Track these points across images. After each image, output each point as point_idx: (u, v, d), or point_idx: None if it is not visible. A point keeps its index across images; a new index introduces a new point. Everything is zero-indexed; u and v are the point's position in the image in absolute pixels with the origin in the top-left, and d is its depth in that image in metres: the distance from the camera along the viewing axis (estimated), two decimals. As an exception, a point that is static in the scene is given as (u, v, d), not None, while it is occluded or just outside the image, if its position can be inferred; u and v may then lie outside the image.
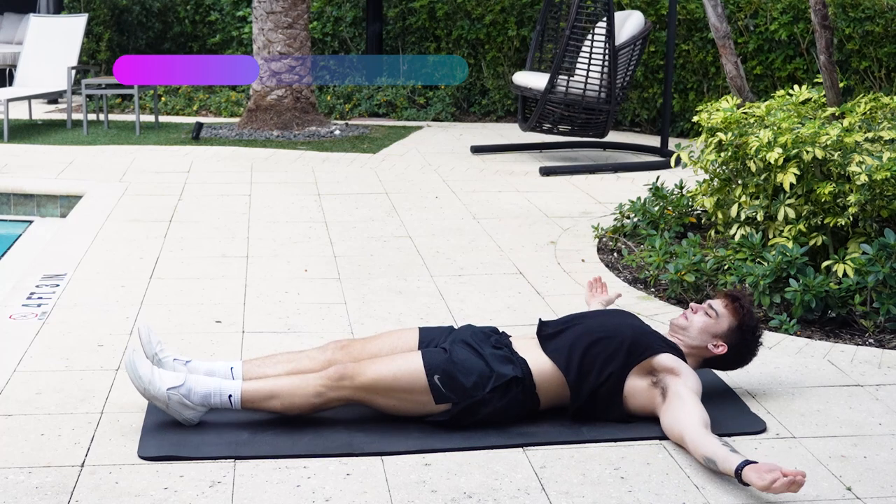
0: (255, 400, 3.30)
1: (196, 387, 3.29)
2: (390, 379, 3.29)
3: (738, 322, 3.51)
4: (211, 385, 3.30)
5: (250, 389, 3.31)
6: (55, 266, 5.15)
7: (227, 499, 2.89)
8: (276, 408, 3.32)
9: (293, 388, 3.30)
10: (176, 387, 3.27)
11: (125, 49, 11.63)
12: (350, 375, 3.29)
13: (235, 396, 3.30)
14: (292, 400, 3.30)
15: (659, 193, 5.74)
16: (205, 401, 3.29)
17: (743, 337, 3.52)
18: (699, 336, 3.51)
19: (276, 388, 3.31)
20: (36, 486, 2.94)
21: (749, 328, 3.52)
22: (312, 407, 3.31)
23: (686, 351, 3.51)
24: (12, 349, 3.99)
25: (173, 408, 3.28)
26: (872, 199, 4.46)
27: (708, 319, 3.52)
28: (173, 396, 3.26)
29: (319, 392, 3.29)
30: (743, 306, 3.52)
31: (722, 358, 3.53)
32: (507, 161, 8.36)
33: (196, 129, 9.15)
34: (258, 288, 4.86)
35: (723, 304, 3.54)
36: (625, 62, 8.12)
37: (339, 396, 3.30)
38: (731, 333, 3.51)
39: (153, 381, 3.26)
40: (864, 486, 3.01)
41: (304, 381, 3.31)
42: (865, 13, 8.68)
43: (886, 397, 3.65)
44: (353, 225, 6.15)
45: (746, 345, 3.55)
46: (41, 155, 8.27)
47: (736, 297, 3.56)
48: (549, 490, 2.96)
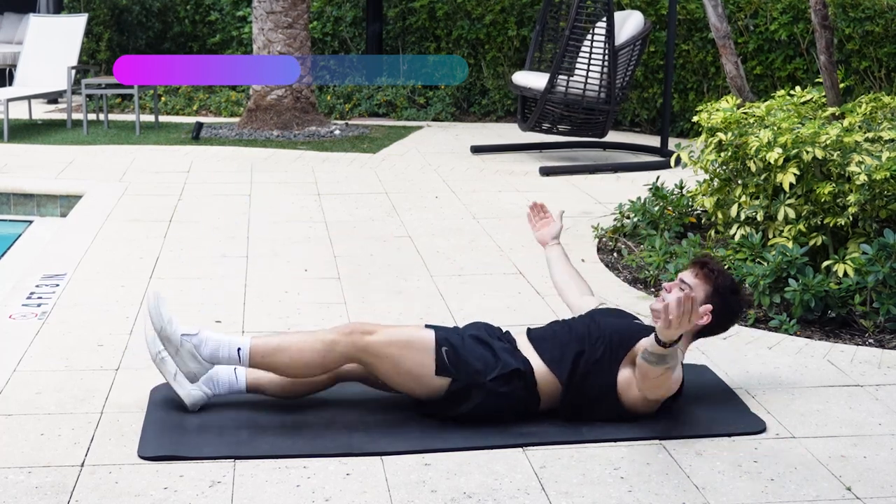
0: (263, 354, 3.31)
1: (208, 340, 3.32)
2: (400, 341, 3.29)
3: (712, 287, 3.46)
4: (222, 339, 3.33)
5: (259, 343, 3.32)
6: (55, 266, 5.15)
7: (226, 499, 2.89)
8: (284, 363, 3.31)
9: (302, 343, 3.31)
10: (190, 335, 3.31)
11: (125, 49, 11.63)
12: (362, 331, 3.30)
13: (245, 350, 3.31)
14: (301, 355, 3.29)
15: (659, 193, 5.74)
16: (214, 355, 3.31)
17: (722, 299, 3.46)
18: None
19: (286, 342, 3.33)
20: (36, 486, 2.94)
21: (725, 288, 3.47)
22: (320, 363, 3.30)
23: None
24: (12, 349, 3.99)
25: (183, 356, 3.30)
26: (872, 199, 4.46)
27: (681, 294, 3.47)
28: (185, 343, 3.30)
29: (329, 346, 3.28)
30: (713, 270, 3.47)
31: (711, 325, 3.47)
32: (507, 161, 8.36)
33: (196, 129, 9.15)
34: (258, 288, 4.86)
35: (693, 275, 3.49)
36: (625, 62, 8.12)
37: (347, 353, 3.29)
38: (708, 300, 3.45)
39: (172, 322, 3.30)
40: (864, 486, 3.01)
41: (315, 335, 3.34)
42: (865, 13, 8.68)
43: (886, 397, 3.65)
44: (353, 225, 6.15)
45: (728, 305, 3.49)
46: (41, 155, 8.27)
47: (703, 262, 3.51)
48: (549, 490, 2.96)
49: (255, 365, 3.33)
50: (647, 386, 3.25)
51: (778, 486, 3.01)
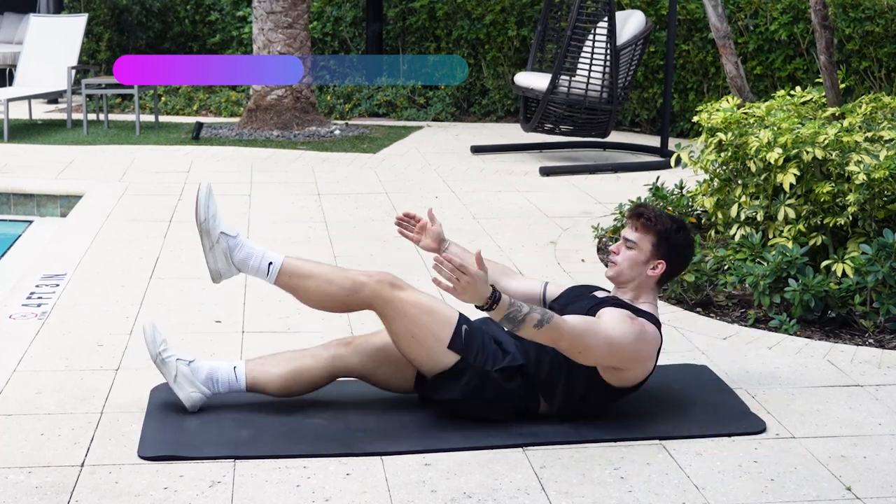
0: (292, 275, 3.35)
1: (243, 246, 3.37)
2: (425, 306, 3.29)
3: (655, 234, 3.41)
4: (255, 249, 3.38)
5: (290, 264, 3.36)
6: (55, 266, 5.15)
7: (226, 499, 2.89)
8: (308, 288, 3.34)
9: (332, 275, 3.34)
10: (229, 235, 3.36)
11: (125, 49, 11.63)
12: (393, 283, 3.31)
13: (275, 266, 3.35)
14: (327, 286, 3.32)
15: (659, 193, 5.74)
16: (244, 261, 3.36)
17: (669, 243, 3.42)
18: (632, 271, 3.43)
19: (317, 270, 3.36)
20: (36, 486, 2.94)
21: (668, 232, 3.42)
22: (342, 301, 3.32)
23: (632, 295, 3.45)
24: (12, 349, 3.99)
25: (216, 253, 3.35)
26: (871, 198, 4.46)
27: (630, 252, 3.43)
28: (222, 241, 3.35)
29: (356, 286, 3.29)
30: (650, 218, 3.42)
31: (667, 273, 3.45)
32: (507, 161, 8.36)
33: (196, 128, 9.15)
34: (258, 288, 4.85)
35: (633, 229, 3.44)
36: (626, 62, 8.12)
37: (369, 299, 3.29)
38: (656, 249, 3.41)
39: (216, 217, 3.36)
40: (864, 486, 3.01)
41: (345, 272, 3.36)
42: (865, 13, 8.68)
43: (886, 397, 3.65)
44: (353, 225, 6.15)
45: (677, 247, 3.44)
46: (41, 155, 8.27)
47: (638, 213, 3.45)
48: (549, 490, 2.96)
49: (280, 282, 3.36)
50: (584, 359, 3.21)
51: (778, 486, 3.01)
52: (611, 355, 3.23)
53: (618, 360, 3.25)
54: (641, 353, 3.29)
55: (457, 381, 3.30)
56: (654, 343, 3.33)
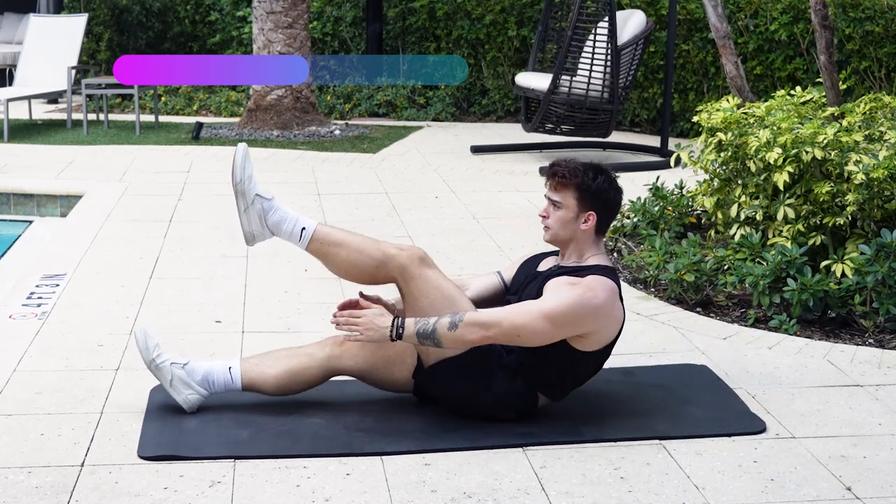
0: (324, 241, 3.35)
1: (277, 209, 3.38)
2: (447, 293, 3.27)
3: (575, 188, 3.36)
4: (290, 213, 3.38)
5: (323, 231, 3.36)
6: (55, 266, 5.15)
7: (226, 499, 2.89)
8: (339, 256, 3.33)
9: (363, 245, 3.34)
10: (264, 197, 3.37)
11: (125, 49, 11.63)
12: (422, 259, 3.30)
13: (308, 231, 3.35)
14: (359, 256, 3.31)
15: (659, 193, 5.74)
16: (278, 224, 3.37)
17: (591, 191, 3.37)
18: (566, 230, 3.40)
19: (349, 239, 3.36)
20: (36, 486, 2.95)
21: (588, 182, 3.36)
22: (370, 273, 3.32)
23: (576, 254, 3.41)
24: (12, 349, 3.99)
25: (250, 214, 3.37)
26: (870, 198, 4.46)
27: (558, 212, 3.40)
28: (257, 203, 3.37)
29: (387, 257, 3.29)
30: (565, 174, 3.37)
31: (600, 221, 3.40)
32: (507, 161, 8.36)
33: (196, 129, 9.15)
34: (258, 288, 4.86)
35: (552, 187, 3.41)
36: (627, 62, 8.12)
37: (397, 271, 3.28)
38: (581, 202, 3.37)
39: (252, 179, 3.37)
40: (864, 486, 3.01)
41: (376, 243, 3.35)
42: (865, 13, 8.67)
43: (886, 397, 3.65)
44: (353, 225, 6.15)
45: (600, 192, 3.39)
46: (41, 155, 8.27)
47: (554, 172, 3.40)
48: (549, 490, 2.96)
49: (311, 249, 3.36)
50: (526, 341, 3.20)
51: (778, 486, 3.01)
52: (560, 327, 3.19)
53: (572, 328, 3.21)
54: (599, 311, 3.23)
55: (460, 376, 3.30)
56: (610, 293, 3.27)
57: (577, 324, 3.22)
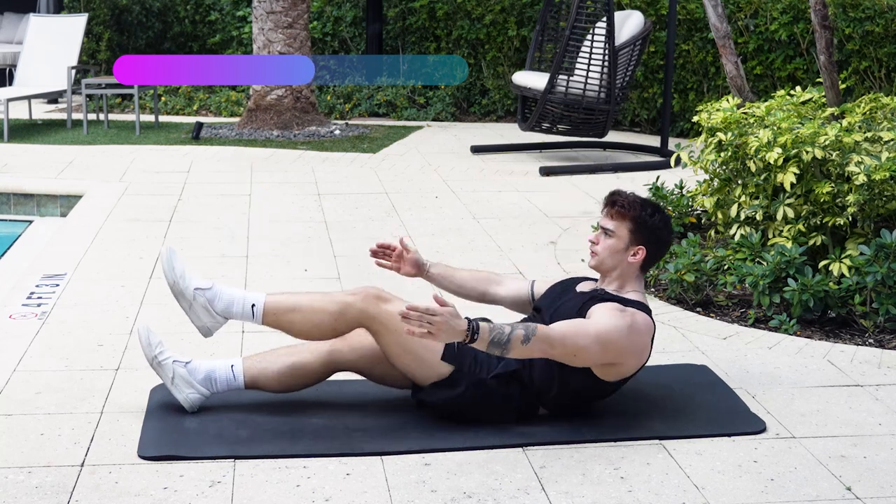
0: (277, 311, 3.31)
1: (222, 294, 3.33)
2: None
3: (631, 220, 3.39)
4: (236, 294, 3.34)
5: (273, 301, 3.33)
6: (55, 266, 5.15)
7: (226, 499, 2.89)
8: (296, 322, 3.31)
9: (316, 303, 3.31)
10: (203, 288, 3.31)
11: (125, 49, 11.63)
12: (378, 297, 3.28)
13: (259, 307, 3.32)
14: (314, 315, 3.29)
15: (659, 193, 5.74)
16: (227, 309, 3.32)
17: (646, 226, 3.39)
18: (613, 259, 3.41)
19: (300, 301, 3.33)
20: (36, 485, 2.95)
21: (644, 217, 3.39)
22: (331, 326, 3.29)
23: (618, 283, 3.43)
24: (12, 349, 3.99)
25: (196, 310, 3.30)
26: (871, 199, 4.46)
27: (609, 240, 3.41)
28: (199, 297, 3.30)
29: (342, 308, 3.27)
30: (624, 204, 3.40)
31: (648, 257, 3.41)
32: (507, 161, 8.36)
33: (196, 128, 9.15)
34: (258, 288, 4.86)
35: (609, 217, 3.43)
36: (624, 62, 8.12)
37: (357, 319, 3.27)
38: (634, 235, 3.39)
39: (185, 276, 3.31)
40: (864, 486, 3.01)
41: (329, 296, 3.33)
42: (865, 13, 8.67)
43: (886, 397, 3.65)
44: (353, 225, 6.15)
45: (655, 228, 3.41)
46: (41, 155, 8.27)
47: (612, 201, 3.43)
48: (549, 490, 2.96)
49: (267, 322, 3.33)
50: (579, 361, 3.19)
51: (778, 486, 3.01)
52: (605, 353, 3.21)
53: (613, 356, 3.24)
54: (636, 345, 3.27)
55: (453, 389, 3.30)
56: (648, 332, 3.32)
57: (618, 352, 3.23)
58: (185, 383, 3.36)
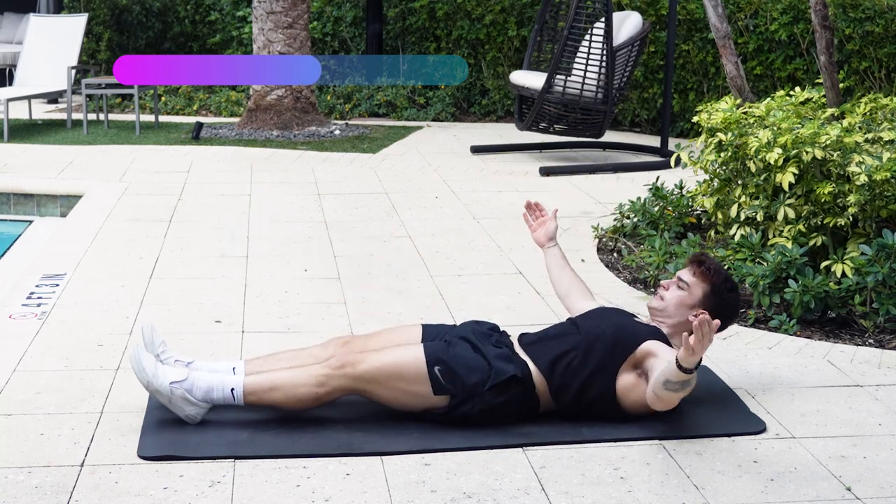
0: (257, 392, 3.30)
1: (199, 382, 3.30)
2: (391, 367, 3.28)
3: (709, 285, 3.48)
4: (213, 380, 3.31)
5: (252, 382, 3.32)
6: (55, 266, 5.15)
7: (226, 498, 2.89)
8: (278, 400, 3.31)
9: (295, 379, 3.30)
10: (179, 381, 3.28)
11: (125, 49, 11.63)
12: (352, 363, 3.28)
13: (238, 390, 3.30)
14: (295, 391, 3.29)
15: (659, 193, 5.74)
16: (207, 396, 3.30)
17: (720, 297, 3.49)
18: (677, 311, 3.49)
19: (279, 379, 3.31)
20: (36, 485, 2.95)
21: (722, 287, 3.49)
22: (315, 397, 3.30)
23: (670, 331, 3.48)
24: (12, 349, 3.99)
25: (176, 403, 3.28)
26: (872, 199, 4.46)
27: (681, 293, 3.49)
28: (176, 391, 3.27)
29: (321, 381, 3.28)
30: (709, 268, 3.49)
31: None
32: (507, 161, 8.36)
33: (196, 128, 9.15)
34: (258, 288, 4.86)
35: (690, 273, 3.51)
36: (622, 63, 8.11)
37: (341, 386, 3.29)
38: (706, 299, 3.48)
39: (157, 375, 3.27)
40: (864, 486, 3.01)
41: (306, 370, 3.32)
42: (865, 13, 8.67)
43: (886, 397, 3.65)
44: (353, 225, 6.15)
45: (726, 302, 3.51)
46: (41, 155, 8.27)
47: (700, 260, 3.52)
48: (549, 490, 2.96)
49: (250, 402, 3.32)
50: (661, 406, 3.25)
51: (778, 486, 3.01)
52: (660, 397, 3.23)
53: (661, 404, 3.25)
54: (672, 406, 3.29)
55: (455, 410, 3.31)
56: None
57: (671, 404, 3.26)
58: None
